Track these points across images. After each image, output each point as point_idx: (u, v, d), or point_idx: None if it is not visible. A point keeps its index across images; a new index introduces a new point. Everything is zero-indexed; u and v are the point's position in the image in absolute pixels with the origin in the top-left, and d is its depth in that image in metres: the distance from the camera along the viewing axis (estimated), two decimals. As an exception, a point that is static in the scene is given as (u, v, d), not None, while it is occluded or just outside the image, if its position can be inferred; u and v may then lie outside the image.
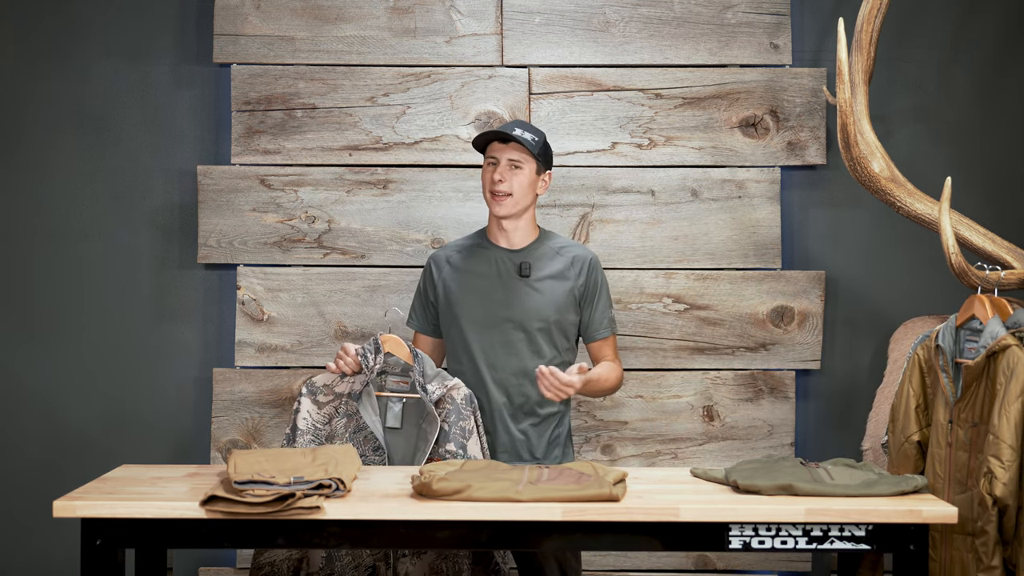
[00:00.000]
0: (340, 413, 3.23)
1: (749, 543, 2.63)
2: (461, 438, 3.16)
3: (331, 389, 3.25)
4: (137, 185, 4.03)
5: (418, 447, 3.18)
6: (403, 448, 3.22)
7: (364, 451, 3.20)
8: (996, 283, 3.22)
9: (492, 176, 3.30)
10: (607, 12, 3.98)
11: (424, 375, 3.21)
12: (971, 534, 3.08)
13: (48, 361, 4.01)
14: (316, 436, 3.21)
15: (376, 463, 3.17)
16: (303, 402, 3.23)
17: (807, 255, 4.02)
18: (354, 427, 3.21)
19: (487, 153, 3.35)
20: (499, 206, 3.31)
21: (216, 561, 3.99)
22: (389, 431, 3.23)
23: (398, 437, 3.23)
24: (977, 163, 4.01)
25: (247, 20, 3.96)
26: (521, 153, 3.31)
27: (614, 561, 3.94)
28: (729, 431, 3.95)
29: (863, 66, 3.59)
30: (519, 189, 3.30)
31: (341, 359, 3.23)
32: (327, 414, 3.23)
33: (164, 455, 3.97)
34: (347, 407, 3.22)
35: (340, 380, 3.26)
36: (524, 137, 3.29)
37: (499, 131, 3.29)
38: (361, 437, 3.21)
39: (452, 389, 3.20)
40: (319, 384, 3.26)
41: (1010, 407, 2.98)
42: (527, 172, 3.32)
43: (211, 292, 4.02)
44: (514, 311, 3.32)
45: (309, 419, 3.22)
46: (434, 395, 3.18)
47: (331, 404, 3.24)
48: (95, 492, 2.72)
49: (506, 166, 3.30)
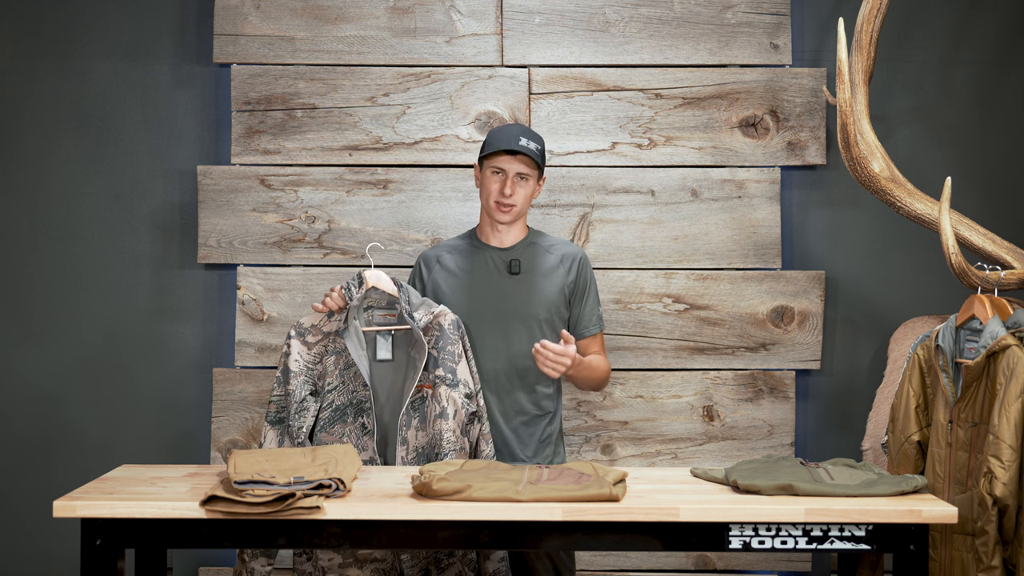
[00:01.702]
0: (329, 351, 3.25)
1: (749, 543, 2.63)
2: (451, 362, 3.20)
3: (319, 329, 3.27)
4: (137, 185, 4.03)
5: (407, 375, 3.22)
6: (391, 379, 3.26)
7: (355, 387, 3.22)
8: (996, 283, 3.22)
9: (502, 189, 3.32)
10: (607, 12, 3.98)
11: (410, 303, 3.24)
12: (971, 534, 3.08)
13: (48, 361, 4.01)
14: (309, 376, 3.24)
15: (365, 398, 3.21)
16: (293, 344, 3.25)
17: (807, 255, 4.02)
18: (343, 364, 3.24)
19: (493, 162, 3.34)
20: (504, 215, 3.35)
21: (216, 561, 3.99)
22: (378, 364, 3.26)
23: (387, 370, 3.27)
24: (977, 163, 4.02)
25: (247, 20, 3.96)
26: (528, 166, 3.33)
27: (614, 561, 3.95)
28: (729, 431, 3.95)
29: (863, 66, 3.59)
30: (523, 201, 3.36)
31: (328, 296, 3.25)
32: (317, 353, 3.26)
33: (164, 455, 3.97)
34: (336, 345, 3.25)
35: (328, 319, 3.27)
36: (530, 148, 3.32)
37: (509, 148, 3.30)
38: (352, 373, 3.23)
39: (439, 316, 3.24)
40: (307, 325, 3.28)
41: (1010, 407, 2.98)
42: (531, 184, 3.37)
43: (211, 292, 4.02)
44: (504, 309, 3.34)
45: (300, 360, 3.24)
46: (421, 322, 3.21)
47: (320, 343, 3.26)
48: (95, 492, 2.72)
49: (514, 179, 3.32)
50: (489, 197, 3.35)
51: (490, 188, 3.35)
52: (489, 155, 3.34)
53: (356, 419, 3.22)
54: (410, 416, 3.19)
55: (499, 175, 3.33)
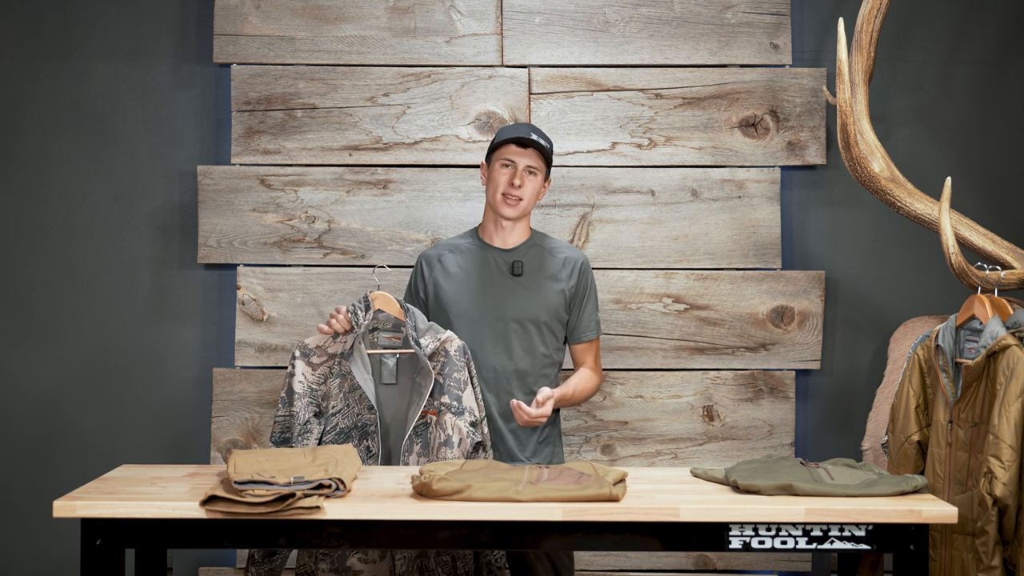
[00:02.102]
0: (334, 373, 3.23)
1: (749, 543, 2.63)
2: (456, 390, 3.18)
3: (324, 350, 3.25)
4: (137, 185, 4.03)
5: (412, 400, 3.20)
6: (396, 404, 3.24)
7: (360, 410, 3.21)
8: (996, 283, 3.22)
9: (511, 179, 3.31)
10: (607, 12, 3.98)
11: (416, 329, 3.21)
12: (971, 534, 3.08)
13: (48, 361, 4.01)
14: (312, 397, 3.22)
15: (370, 422, 3.20)
16: (297, 365, 3.23)
17: (807, 255, 4.02)
18: (348, 387, 3.22)
19: (502, 155, 3.34)
20: (510, 209, 3.33)
21: (216, 561, 3.99)
22: (383, 387, 3.24)
23: (392, 393, 3.24)
24: (977, 163, 4.01)
25: (247, 20, 3.96)
26: (538, 160, 3.33)
27: (614, 561, 3.95)
28: (729, 431, 3.95)
29: (863, 66, 3.59)
30: (530, 195, 3.34)
31: (333, 318, 3.23)
32: (322, 375, 3.24)
33: (164, 455, 3.97)
34: (341, 367, 3.23)
35: (333, 340, 3.25)
36: (541, 143, 3.32)
37: (522, 136, 3.30)
38: (356, 396, 3.21)
39: (445, 342, 3.21)
40: (312, 346, 3.25)
41: (1010, 407, 2.98)
42: (539, 179, 3.36)
43: (211, 292, 4.02)
44: (505, 310, 3.33)
45: (304, 381, 3.22)
46: (428, 348, 3.19)
47: (325, 365, 3.24)
48: (95, 492, 2.72)
49: (523, 171, 3.31)
50: (496, 190, 3.34)
51: (498, 180, 3.33)
52: (499, 147, 3.34)
53: (361, 442, 3.20)
54: (412, 442, 3.17)
55: (509, 167, 3.32)
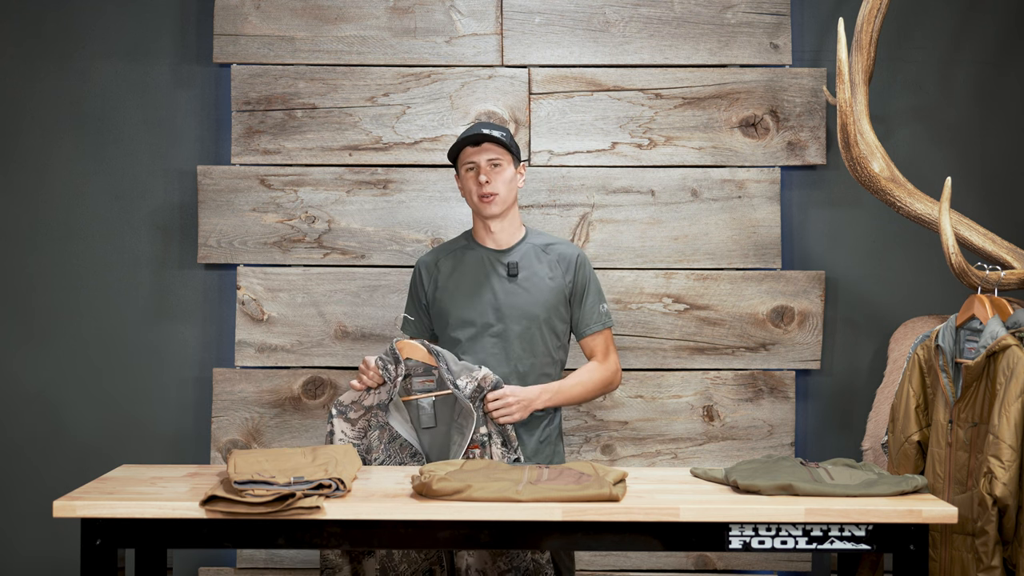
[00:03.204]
0: (373, 426, 3.21)
1: (749, 543, 2.63)
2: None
3: (360, 404, 3.24)
4: (137, 185, 4.03)
5: (453, 440, 3.18)
6: (440, 445, 3.22)
7: (403, 459, 3.18)
8: (996, 283, 3.22)
9: (477, 179, 3.31)
10: (607, 12, 3.98)
11: (451, 371, 3.19)
12: (971, 534, 3.08)
13: (48, 361, 4.01)
14: None
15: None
16: (336, 423, 3.22)
17: (807, 255, 4.02)
18: (388, 437, 3.20)
19: (462, 161, 3.35)
20: (489, 206, 3.32)
21: (216, 561, 3.99)
22: (424, 431, 3.23)
23: (433, 436, 3.23)
24: (977, 163, 4.02)
25: (247, 20, 3.96)
26: (498, 150, 3.32)
27: (614, 561, 3.95)
28: (729, 431, 3.95)
29: (863, 66, 3.59)
30: (504, 186, 3.32)
31: (363, 374, 3.22)
32: (361, 429, 3.22)
33: (164, 455, 3.97)
34: (379, 419, 3.21)
35: (367, 393, 3.24)
36: (492, 134, 3.31)
37: (471, 135, 3.30)
38: (397, 445, 3.19)
39: (482, 380, 3.20)
40: (347, 402, 3.24)
41: (1010, 407, 2.98)
42: (507, 168, 3.34)
43: (211, 292, 4.02)
44: (503, 311, 3.33)
45: (345, 439, 3.21)
46: (467, 390, 3.18)
47: (363, 419, 3.22)
48: (95, 492, 2.72)
49: (487, 167, 3.31)
50: (471, 195, 3.34)
51: (469, 186, 3.34)
52: (458, 156, 3.35)
53: None
54: None
55: (472, 169, 3.33)
